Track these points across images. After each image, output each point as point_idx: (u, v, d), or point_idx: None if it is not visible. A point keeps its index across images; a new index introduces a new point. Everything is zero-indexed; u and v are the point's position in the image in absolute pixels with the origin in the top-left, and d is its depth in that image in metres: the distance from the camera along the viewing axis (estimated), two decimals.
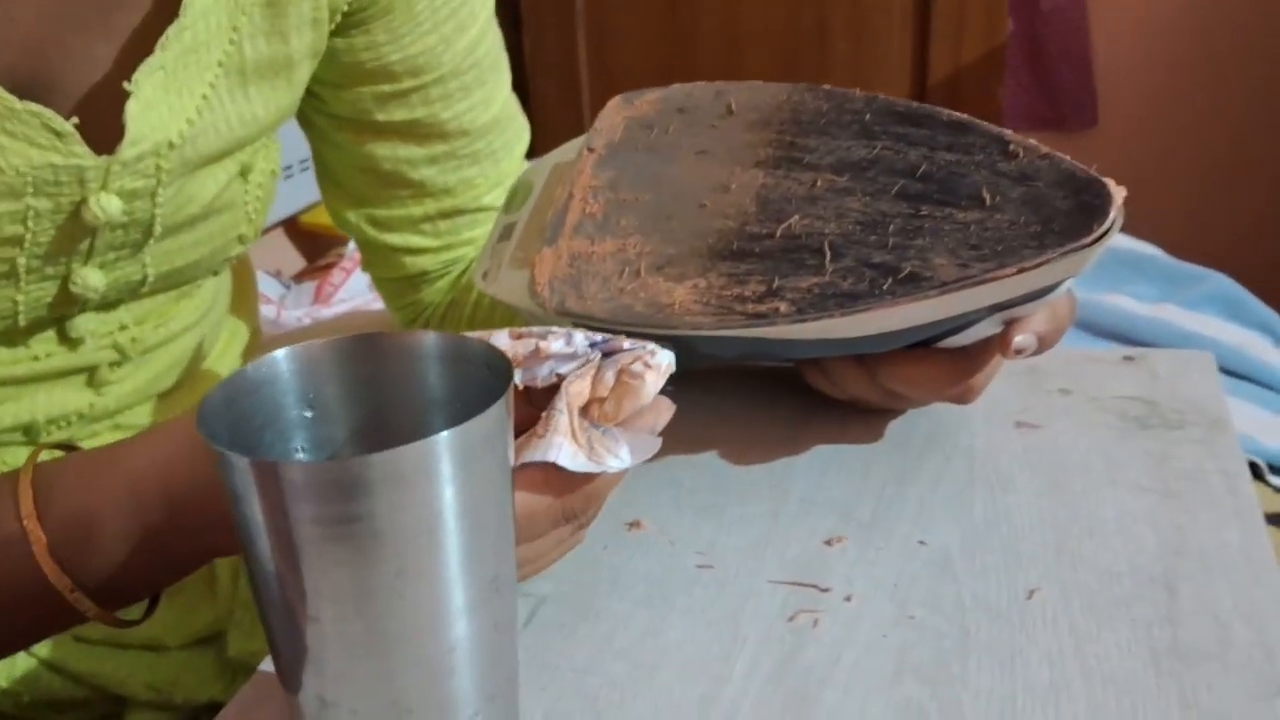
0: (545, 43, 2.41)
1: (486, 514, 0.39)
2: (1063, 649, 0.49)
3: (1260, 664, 0.47)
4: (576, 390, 0.46)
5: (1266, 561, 0.53)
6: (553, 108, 2.39)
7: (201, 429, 0.37)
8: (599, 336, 0.48)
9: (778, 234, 0.56)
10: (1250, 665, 0.47)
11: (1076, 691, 0.46)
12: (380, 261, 0.80)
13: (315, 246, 1.89)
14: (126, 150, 0.57)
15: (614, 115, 0.63)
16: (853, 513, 0.58)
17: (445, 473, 0.37)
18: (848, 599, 0.52)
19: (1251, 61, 2.12)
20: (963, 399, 0.61)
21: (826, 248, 0.55)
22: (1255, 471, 1.12)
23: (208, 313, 0.74)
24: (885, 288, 0.53)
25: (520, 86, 2.69)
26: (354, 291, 1.51)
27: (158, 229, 0.62)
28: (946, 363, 0.59)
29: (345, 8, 0.66)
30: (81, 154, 0.56)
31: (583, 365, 0.47)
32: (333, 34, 0.67)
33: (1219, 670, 0.47)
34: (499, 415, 0.38)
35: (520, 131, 0.80)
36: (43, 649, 0.69)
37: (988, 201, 0.54)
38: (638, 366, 0.47)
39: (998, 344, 0.57)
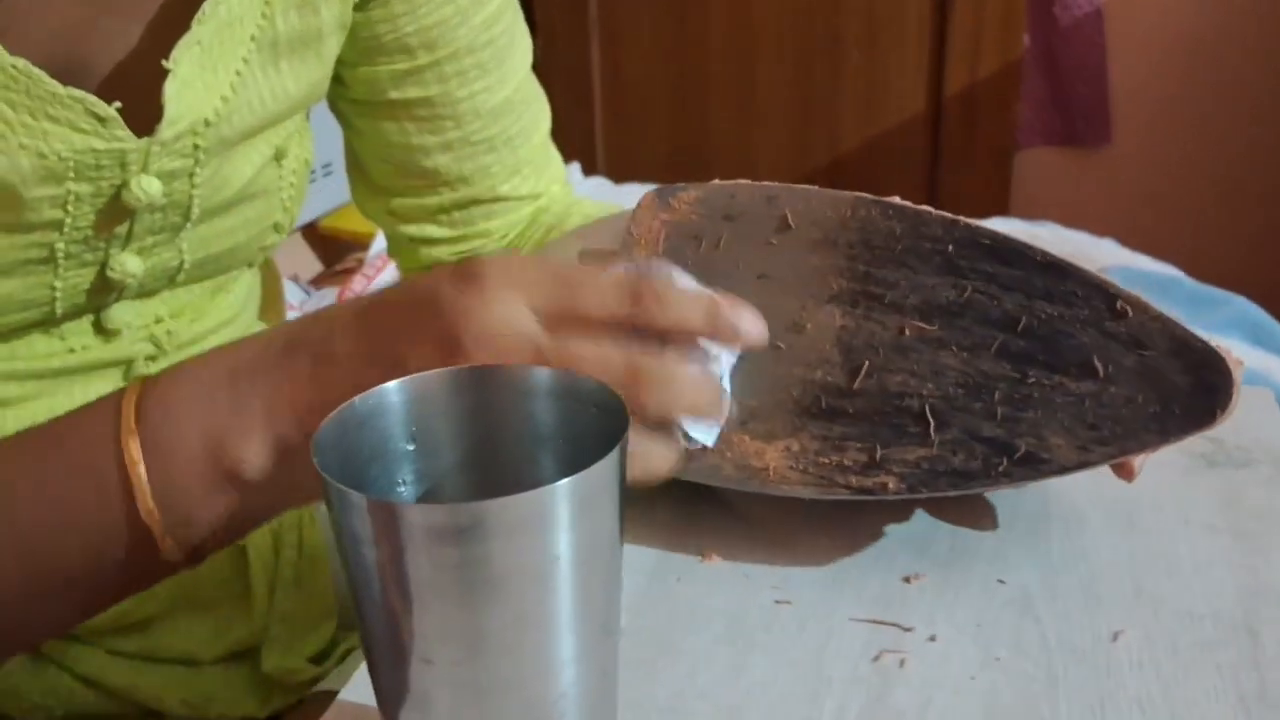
0: (558, 48, 2.40)
1: (599, 559, 0.38)
2: (1151, 694, 0.48)
3: None
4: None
5: None
6: (565, 113, 2.38)
7: (317, 461, 0.37)
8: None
9: (871, 392, 0.53)
10: None
11: None
12: (401, 252, 0.81)
13: (334, 251, 1.88)
14: (165, 130, 0.57)
15: (651, 219, 0.58)
16: (928, 549, 0.57)
17: (563, 519, 0.36)
18: (932, 639, 0.52)
19: (1266, 79, 2.12)
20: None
21: (929, 413, 0.52)
22: None
23: (241, 312, 0.74)
24: (1001, 469, 0.51)
25: None
26: None
27: (195, 212, 0.61)
28: None
29: None
30: (124, 138, 0.56)
31: None
32: (355, 7, 0.67)
33: None
34: (616, 461, 0.38)
35: (538, 117, 0.79)
36: (76, 664, 0.68)
37: (1100, 372, 0.51)
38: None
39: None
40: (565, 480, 0.36)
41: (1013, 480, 0.51)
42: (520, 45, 0.77)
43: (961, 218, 0.54)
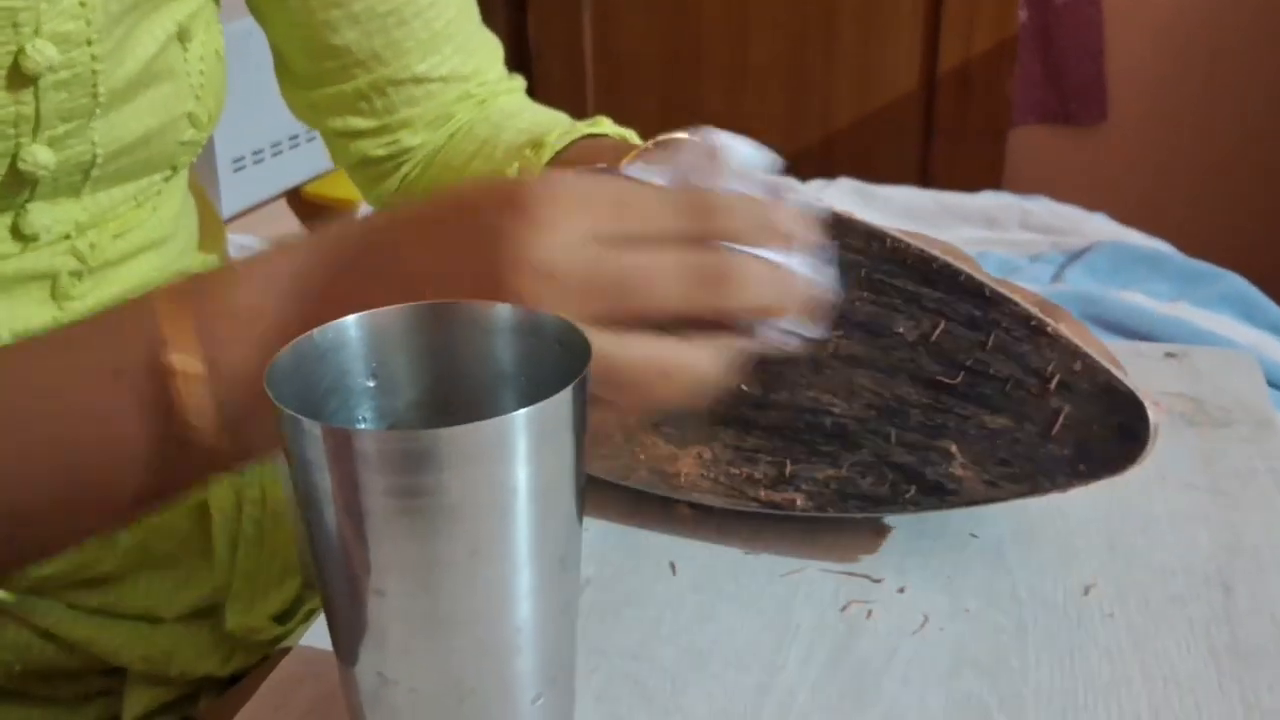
0: (551, 23, 2.39)
1: (558, 493, 0.38)
2: (1122, 646, 0.48)
3: None
4: None
5: None
6: (557, 88, 2.37)
7: (270, 391, 0.36)
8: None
9: (783, 405, 0.52)
10: None
11: (1138, 689, 0.46)
12: (334, 150, 0.79)
13: (318, 218, 1.87)
14: None
15: None
16: None
17: (522, 450, 0.36)
18: (901, 590, 0.51)
19: (1263, 57, 2.12)
20: None
21: (840, 433, 0.51)
22: None
23: (171, 236, 0.72)
24: (909, 497, 0.51)
25: (525, 66, 2.68)
26: None
27: (101, 91, 0.60)
28: None
29: None
30: None
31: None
32: None
33: None
34: (577, 394, 0.37)
35: None
36: (35, 617, 0.67)
37: (1017, 409, 0.50)
38: None
39: None
40: (522, 410, 0.35)
41: (920, 509, 0.51)
42: None
43: (890, 230, 0.51)
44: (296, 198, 1.91)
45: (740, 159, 0.44)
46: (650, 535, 0.55)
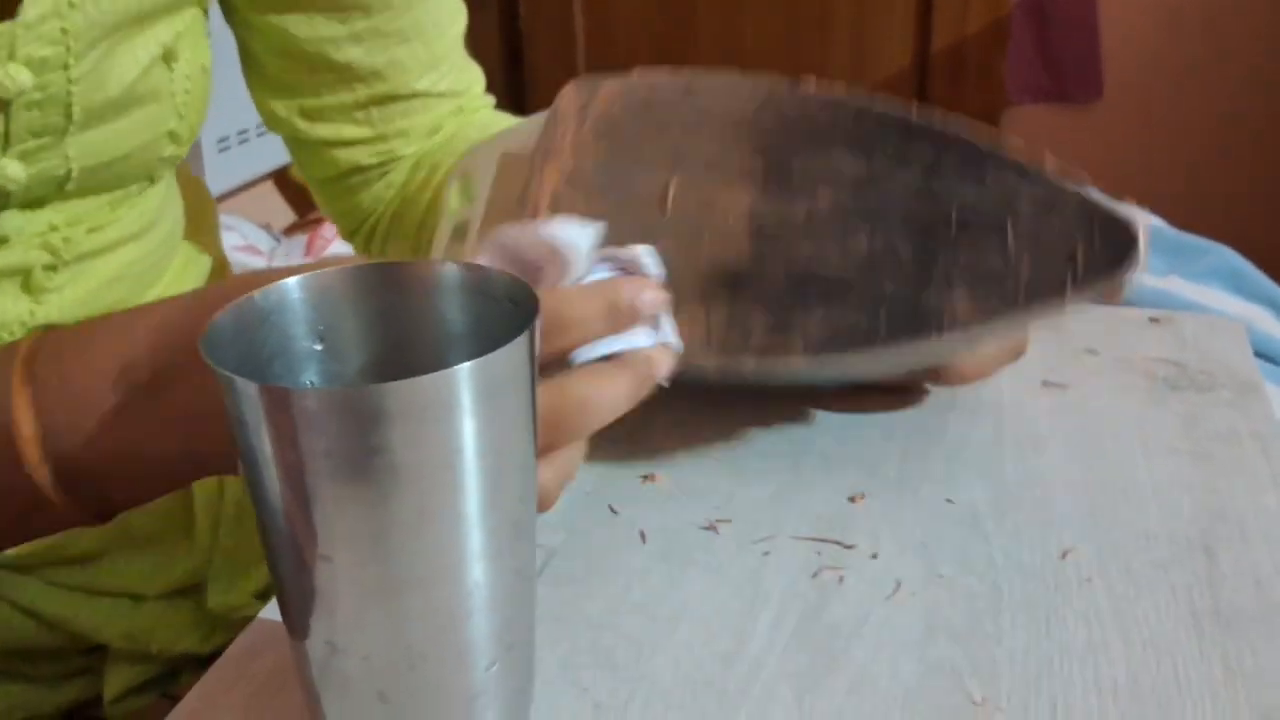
0: (542, 9, 2.37)
1: (509, 453, 0.36)
2: (1100, 610, 0.47)
3: None
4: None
5: None
6: (548, 75, 2.36)
7: (207, 354, 0.35)
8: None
9: (777, 265, 0.52)
10: None
11: (1116, 654, 0.44)
12: (313, 159, 0.77)
13: (305, 199, 1.86)
14: (28, 10, 0.54)
15: (571, 108, 0.57)
16: (877, 470, 0.56)
17: (466, 406, 0.34)
18: (874, 556, 0.50)
19: (1256, 32, 2.10)
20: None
21: (834, 281, 0.51)
22: None
23: (153, 226, 0.70)
24: (902, 328, 0.50)
25: (515, 53, 2.66)
26: (348, 246, 1.48)
27: (76, 111, 0.58)
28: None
29: None
30: None
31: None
32: None
33: (1263, 634, 0.45)
34: (523, 349, 0.36)
35: (454, 12, 0.76)
36: (14, 593, 0.67)
37: (1008, 238, 0.50)
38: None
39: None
40: (467, 364, 0.34)
41: (914, 340, 0.50)
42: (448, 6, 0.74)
43: (879, 98, 0.53)
44: (285, 179, 1.89)
45: (575, 243, 0.43)
46: (620, 504, 0.54)
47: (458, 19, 0.76)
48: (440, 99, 0.76)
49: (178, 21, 0.63)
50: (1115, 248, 0.49)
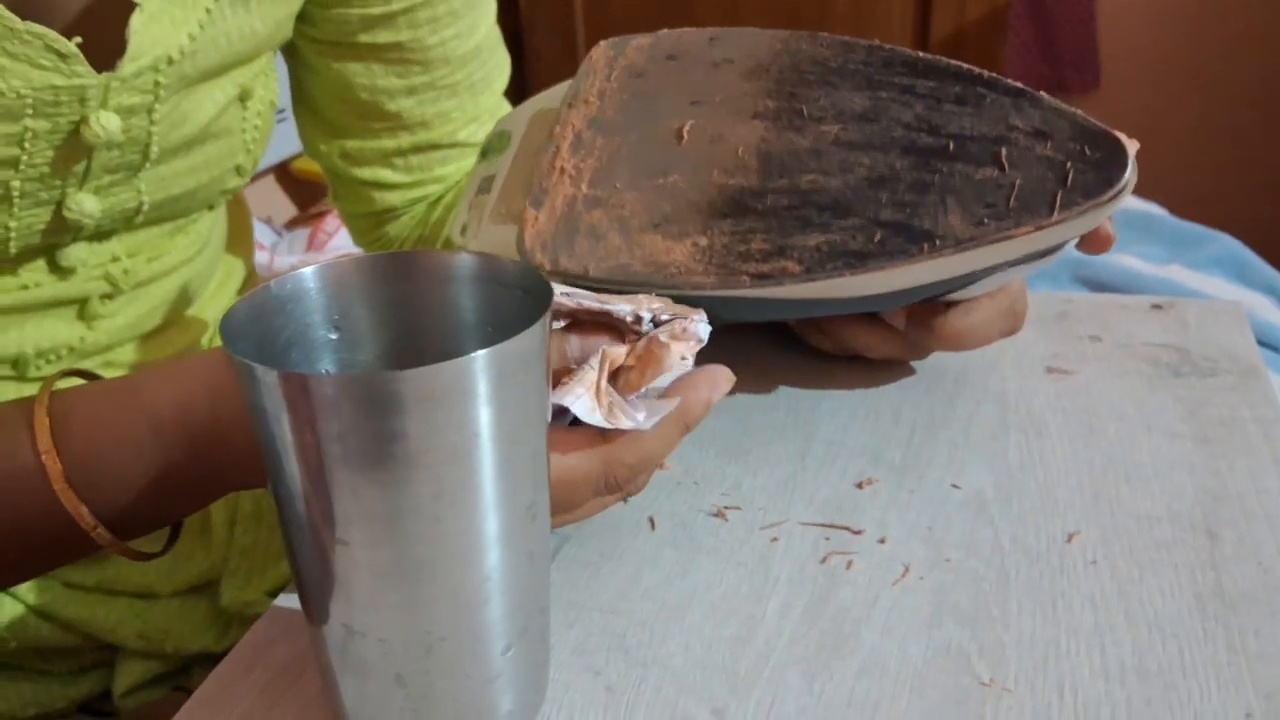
0: (542, 6, 2.37)
1: (523, 439, 0.37)
2: (1105, 593, 0.47)
3: None
4: (613, 353, 0.45)
5: None
6: (548, 61, 2.36)
7: (225, 343, 0.36)
8: (665, 314, 0.47)
9: (781, 190, 0.53)
10: None
11: (1121, 635, 0.45)
12: (349, 195, 0.79)
13: (307, 193, 1.86)
14: (127, 66, 0.55)
15: (601, 61, 0.60)
16: (882, 456, 0.56)
17: (482, 393, 0.35)
18: (881, 541, 0.50)
19: (1255, 23, 2.10)
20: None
21: (833, 204, 0.53)
22: None
23: (203, 249, 0.72)
24: (896, 246, 0.51)
25: (515, 39, 2.66)
26: (349, 240, 1.49)
27: (154, 150, 0.59)
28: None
29: None
30: (84, 74, 0.54)
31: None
32: None
33: (1266, 615, 0.46)
34: (538, 337, 0.36)
35: (501, 66, 0.78)
36: (31, 595, 0.67)
37: (1002, 158, 0.52)
38: (664, 335, 0.46)
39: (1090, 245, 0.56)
40: (483, 351, 0.34)
41: (910, 258, 0.51)
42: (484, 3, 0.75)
43: (889, 45, 0.55)
44: (286, 173, 1.90)
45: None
46: None
47: (505, 70, 0.78)
48: (476, 148, 0.77)
49: (256, 64, 0.64)
50: (1106, 168, 0.50)
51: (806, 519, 0.52)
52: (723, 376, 0.48)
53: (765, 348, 0.66)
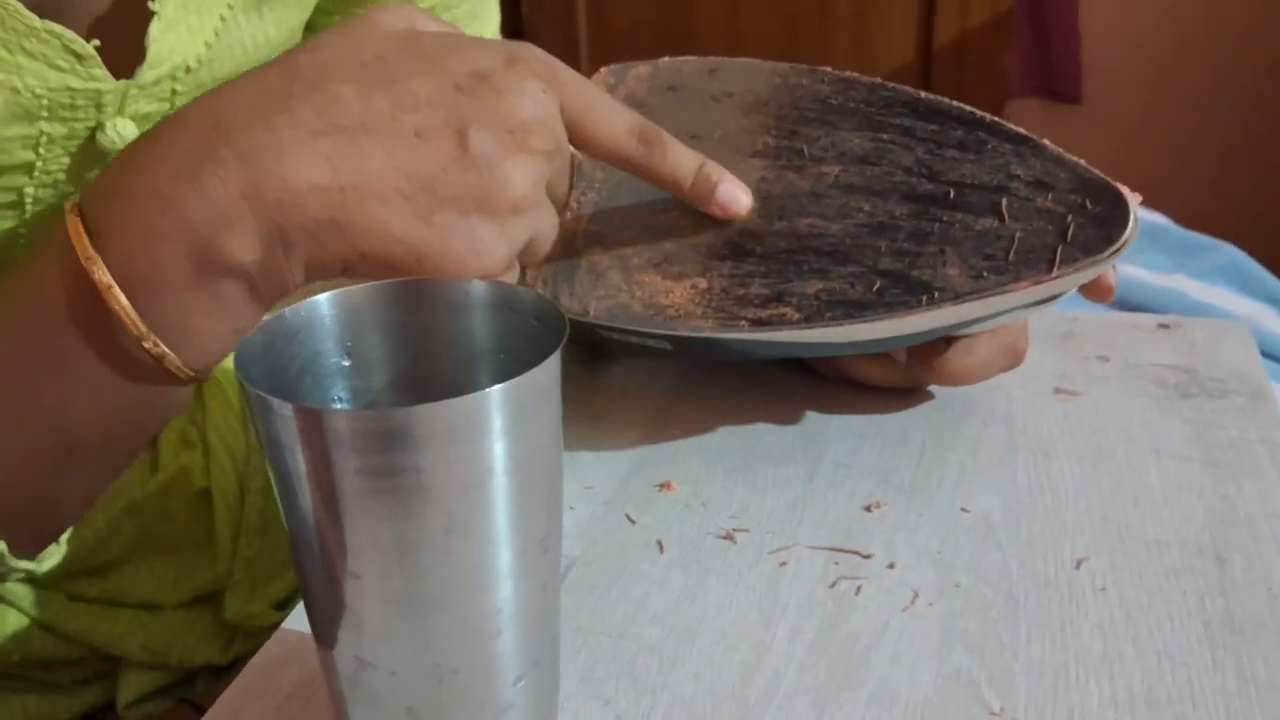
0: (544, 5, 2.37)
1: (537, 472, 0.37)
2: (1114, 620, 0.47)
3: None
4: None
5: None
6: None
7: (240, 373, 0.36)
8: None
9: (780, 233, 0.53)
10: None
11: (1130, 664, 0.45)
12: None
13: None
14: (146, 73, 0.55)
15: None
16: (891, 478, 0.56)
17: (496, 427, 0.35)
18: (890, 566, 0.50)
19: (1257, 25, 2.10)
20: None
21: (832, 250, 0.52)
22: None
23: None
24: (895, 297, 0.51)
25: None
26: None
27: None
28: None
29: None
30: (101, 78, 0.54)
31: None
32: None
33: (1275, 642, 0.46)
34: (552, 371, 0.36)
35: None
36: (34, 608, 0.67)
37: (1001, 207, 0.52)
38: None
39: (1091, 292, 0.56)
40: (498, 386, 0.34)
41: (908, 310, 0.51)
42: (491, 2, 0.75)
43: (891, 83, 0.55)
44: None
45: None
46: (636, 513, 0.54)
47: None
48: None
49: None
50: (1107, 224, 0.50)
51: (815, 542, 0.52)
52: None
53: (773, 369, 0.66)
